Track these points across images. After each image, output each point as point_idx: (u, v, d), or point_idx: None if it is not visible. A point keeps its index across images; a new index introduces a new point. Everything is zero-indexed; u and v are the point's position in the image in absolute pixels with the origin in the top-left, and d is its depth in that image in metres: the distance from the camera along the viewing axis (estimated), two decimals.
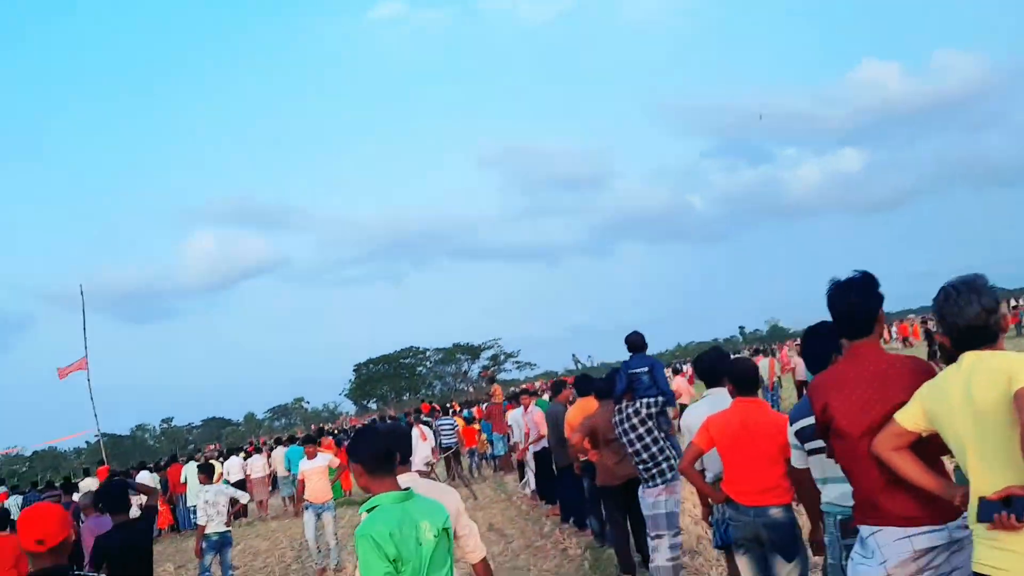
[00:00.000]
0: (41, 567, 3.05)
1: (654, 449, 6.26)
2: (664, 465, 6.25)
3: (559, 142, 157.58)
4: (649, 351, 8.43)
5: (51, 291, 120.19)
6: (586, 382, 8.55)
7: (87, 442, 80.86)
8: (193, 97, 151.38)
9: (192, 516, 17.39)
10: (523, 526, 11.32)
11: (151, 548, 5.51)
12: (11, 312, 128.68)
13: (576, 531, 9.65)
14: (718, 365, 5.04)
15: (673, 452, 6.41)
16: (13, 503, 18.42)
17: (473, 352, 77.29)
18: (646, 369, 7.68)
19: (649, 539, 6.35)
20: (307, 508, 10.39)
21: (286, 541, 14.17)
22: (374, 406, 76.39)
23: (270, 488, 18.99)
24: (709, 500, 4.89)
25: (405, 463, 4.11)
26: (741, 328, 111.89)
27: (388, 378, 76.96)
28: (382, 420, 25.48)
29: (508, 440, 16.85)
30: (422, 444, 19.02)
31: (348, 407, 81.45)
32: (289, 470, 17.97)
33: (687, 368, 26.18)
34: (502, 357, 76.58)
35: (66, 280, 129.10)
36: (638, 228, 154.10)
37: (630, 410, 6.33)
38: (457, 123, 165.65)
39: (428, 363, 78.29)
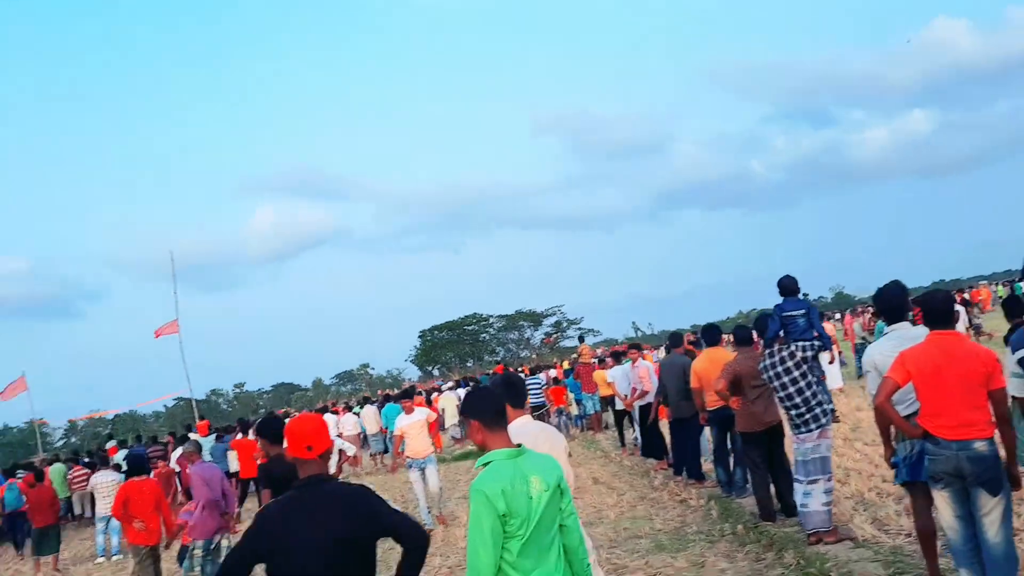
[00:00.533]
0: (309, 473, 3.13)
1: (807, 394, 6.17)
2: (818, 410, 6.16)
3: (615, 108, 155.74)
4: (709, 318, 8.33)
5: (125, 261, 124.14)
6: (714, 332, 8.47)
7: (164, 406, 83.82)
8: (253, 71, 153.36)
9: None
10: (630, 480, 11.32)
11: None
12: (88, 282, 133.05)
13: (693, 483, 9.61)
14: (900, 300, 4.92)
15: (826, 396, 6.32)
16: (120, 457, 19.20)
17: (535, 319, 77.51)
18: (802, 312, 7.55)
19: (800, 485, 6.29)
20: (410, 466, 10.27)
21: (387, 495, 14.45)
22: (437, 372, 77.22)
23: (361, 445, 19.37)
24: (892, 440, 4.79)
25: (522, 407, 4.34)
26: (805, 295, 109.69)
27: (452, 344, 77.73)
28: (458, 384, 25.66)
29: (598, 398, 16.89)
30: None
31: (412, 373, 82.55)
32: (387, 427, 18.34)
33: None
34: (565, 324, 76.66)
35: (139, 250, 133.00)
36: (697, 195, 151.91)
37: (784, 353, 6.24)
38: (512, 91, 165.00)
39: (491, 330, 78.83)
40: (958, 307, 17.73)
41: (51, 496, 13.18)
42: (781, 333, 7.39)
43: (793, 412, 6.20)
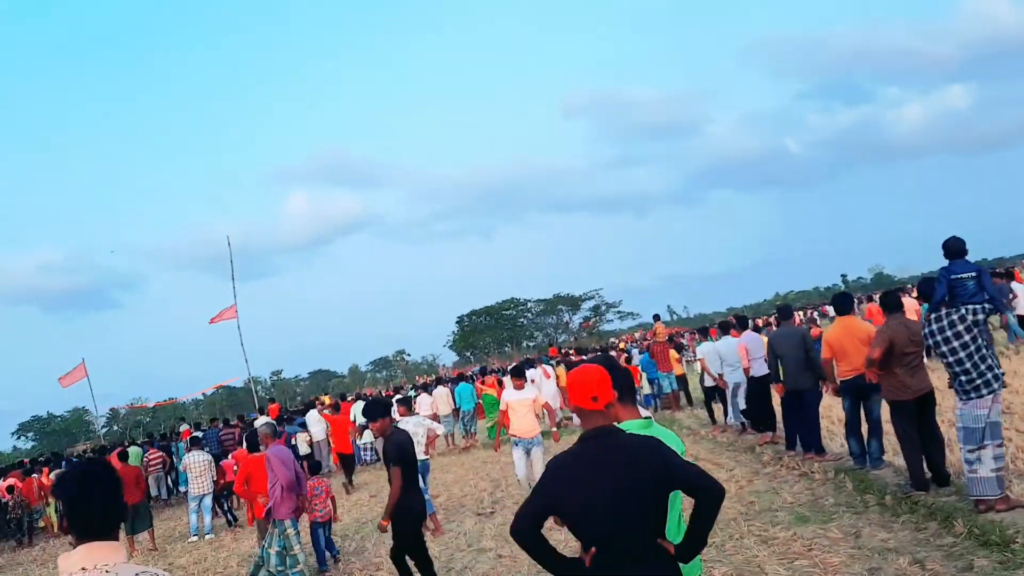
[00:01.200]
0: (595, 424, 3.06)
1: (976, 358, 5.99)
2: (989, 375, 5.98)
3: (647, 89, 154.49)
4: (745, 301, 8.14)
5: (159, 250, 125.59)
6: (847, 300, 8.31)
7: (204, 394, 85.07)
8: (283, 59, 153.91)
9: (363, 452, 18.01)
10: (734, 456, 11.18)
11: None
12: (123, 273, 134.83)
13: (812, 456, 9.45)
14: None
15: (995, 360, 6.14)
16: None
17: (573, 303, 77.36)
18: (972, 274, 7.34)
19: (967, 452, 6.12)
20: (516, 444, 10.01)
21: (470, 473, 14.43)
22: (472, 358, 77.32)
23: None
24: None
25: None
26: (843, 276, 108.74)
27: (490, 329, 77.79)
28: (482, 371, 25.70)
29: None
30: (547, 382, 19.25)
31: (448, 359, 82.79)
32: (460, 406, 18.37)
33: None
34: (603, 308, 76.43)
35: (173, 239, 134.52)
36: (731, 174, 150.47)
37: (954, 316, 6.06)
38: (542, 73, 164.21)
39: (529, 314, 78.77)
40: (1017, 284, 17.32)
41: (137, 474, 13.37)
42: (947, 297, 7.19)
43: (963, 377, 6.02)
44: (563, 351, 29.31)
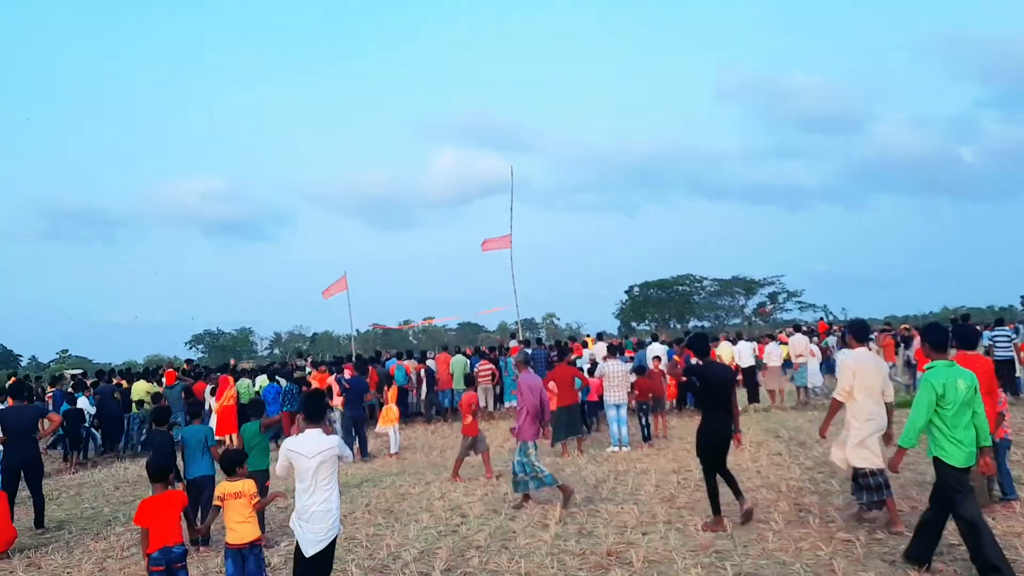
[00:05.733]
0: None
1: None
2: None
3: (810, 78, 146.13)
4: (908, 310, 7.47)
5: (310, 191, 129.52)
6: None
7: (357, 331, 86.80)
8: (438, 16, 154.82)
9: None
10: None
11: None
12: (278, 208, 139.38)
13: None
14: None
15: None
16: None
17: (749, 287, 74.40)
18: None
19: None
20: None
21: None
22: (636, 329, 75.42)
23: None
24: None
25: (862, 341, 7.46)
26: (1022, 297, 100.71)
27: (661, 303, 75.73)
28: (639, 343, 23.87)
29: None
30: (812, 360, 17.58)
31: (594, 328, 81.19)
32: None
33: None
34: (783, 296, 73.16)
35: (327, 182, 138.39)
36: (894, 178, 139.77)
37: None
38: (699, 51, 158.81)
39: (703, 292, 76.16)
40: None
41: (572, 375, 12.60)
42: None
43: None
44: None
